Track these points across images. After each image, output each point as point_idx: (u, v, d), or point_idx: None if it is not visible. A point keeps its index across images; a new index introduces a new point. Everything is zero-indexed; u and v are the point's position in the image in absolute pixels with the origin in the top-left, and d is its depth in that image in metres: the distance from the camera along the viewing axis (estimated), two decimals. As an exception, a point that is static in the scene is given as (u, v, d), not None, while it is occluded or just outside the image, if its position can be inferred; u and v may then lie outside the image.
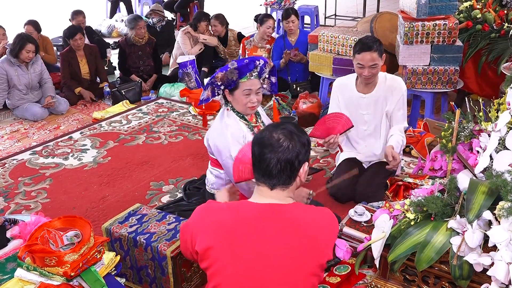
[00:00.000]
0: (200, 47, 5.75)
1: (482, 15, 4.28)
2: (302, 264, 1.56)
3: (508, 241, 1.57)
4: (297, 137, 1.62)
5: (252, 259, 1.55)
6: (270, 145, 1.59)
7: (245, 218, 1.58)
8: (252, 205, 1.63)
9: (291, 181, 1.63)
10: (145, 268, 2.36)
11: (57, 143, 4.29)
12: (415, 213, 1.90)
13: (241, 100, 2.56)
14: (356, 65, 2.99)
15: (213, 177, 2.79)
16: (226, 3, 10.51)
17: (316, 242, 1.58)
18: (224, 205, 1.65)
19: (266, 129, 1.66)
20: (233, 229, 1.56)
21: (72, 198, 3.41)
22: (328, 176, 3.51)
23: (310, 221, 1.60)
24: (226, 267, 1.56)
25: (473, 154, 2.00)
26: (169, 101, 5.24)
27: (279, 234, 1.56)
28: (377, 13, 5.16)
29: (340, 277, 2.41)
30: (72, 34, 5.21)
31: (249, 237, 1.56)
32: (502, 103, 2.10)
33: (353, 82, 3.14)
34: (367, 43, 2.93)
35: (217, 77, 2.52)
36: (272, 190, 1.62)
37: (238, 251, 1.55)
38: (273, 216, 1.58)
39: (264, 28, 5.21)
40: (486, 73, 4.27)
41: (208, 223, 1.60)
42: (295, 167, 1.61)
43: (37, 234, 1.92)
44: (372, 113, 3.12)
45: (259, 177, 1.64)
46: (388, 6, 8.90)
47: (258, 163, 1.62)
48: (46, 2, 11.70)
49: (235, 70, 2.49)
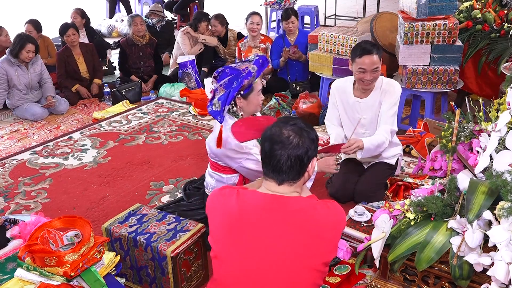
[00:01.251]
0: (200, 47, 5.75)
1: (482, 15, 4.28)
2: (304, 257, 1.58)
3: (508, 241, 1.57)
4: (306, 133, 1.63)
5: (255, 250, 1.58)
6: (281, 141, 1.60)
7: (251, 206, 1.61)
8: (257, 194, 1.65)
9: (300, 176, 1.65)
10: (145, 268, 2.36)
11: (57, 143, 4.29)
12: (415, 213, 1.90)
13: (256, 100, 2.59)
14: (357, 70, 2.91)
15: (214, 181, 2.78)
16: (226, 3, 10.51)
17: (320, 236, 1.59)
18: (235, 192, 1.67)
19: (276, 125, 1.67)
20: (240, 216, 1.60)
21: (72, 198, 3.41)
22: (328, 176, 3.50)
23: (315, 215, 1.61)
24: (229, 258, 1.60)
25: (473, 154, 2.00)
26: (169, 101, 5.24)
27: (283, 226, 1.58)
28: (377, 13, 5.15)
29: (340, 277, 2.41)
30: (64, 30, 5.22)
31: (253, 227, 1.59)
32: (502, 103, 2.10)
33: (351, 86, 3.09)
34: (366, 48, 2.88)
35: (244, 86, 2.49)
36: (280, 185, 1.65)
37: (242, 241, 1.59)
38: (278, 208, 1.61)
39: (248, 24, 5.21)
40: (486, 73, 4.26)
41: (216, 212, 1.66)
42: (305, 163, 1.63)
43: (37, 234, 1.92)
44: (369, 117, 3.08)
45: (268, 173, 1.65)
46: (388, 6, 8.90)
47: (269, 159, 1.63)
48: (47, 2, 11.70)
49: (255, 73, 2.49)
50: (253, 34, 5.26)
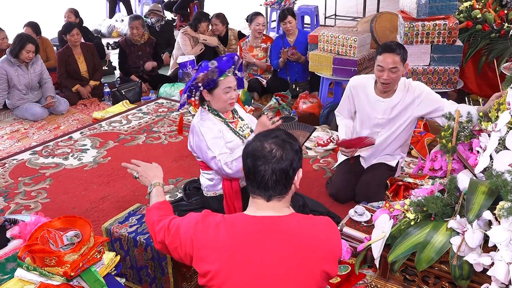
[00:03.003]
0: (201, 48, 5.76)
1: (482, 15, 4.28)
2: (304, 277, 1.52)
3: (508, 241, 1.57)
4: (289, 145, 1.56)
5: (252, 276, 1.50)
6: (263, 156, 1.53)
7: (243, 234, 1.53)
8: (248, 219, 1.57)
9: (287, 190, 1.58)
10: (145, 268, 2.36)
11: (57, 143, 4.29)
12: (415, 213, 1.90)
13: (222, 97, 2.57)
14: (376, 67, 2.89)
15: (207, 180, 2.79)
16: (226, 3, 10.51)
17: (316, 253, 1.53)
18: (219, 220, 1.58)
19: (257, 139, 1.58)
20: (233, 248, 1.51)
21: (72, 198, 3.41)
22: (328, 176, 3.51)
23: (309, 232, 1.55)
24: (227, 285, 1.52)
25: (473, 154, 2.00)
26: (169, 101, 5.24)
27: (278, 248, 1.51)
28: (377, 13, 5.16)
29: (340, 277, 2.41)
30: (69, 29, 5.23)
31: (249, 254, 1.51)
32: (502, 103, 2.10)
33: (372, 84, 3.05)
34: (390, 46, 2.85)
35: (199, 79, 2.51)
36: (269, 202, 1.56)
37: (239, 269, 1.51)
38: (271, 229, 1.53)
39: (254, 26, 5.21)
40: (486, 73, 4.27)
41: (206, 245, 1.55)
42: (290, 176, 1.55)
43: (37, 234, 1.92)
44: (387, 118, 3.03)
45: (254, 190, 1.57)
46: (388, 6, 8.90)
47: (253, 176, 1.55)
48: (46, 3, 11.69)
49: (216, 69, 2.49)
50: (258, 36, 5.28)
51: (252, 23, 5.23)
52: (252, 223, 1.55)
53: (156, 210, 1.87)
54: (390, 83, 2.90)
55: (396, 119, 3.03)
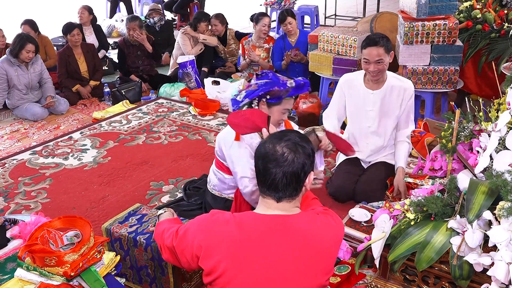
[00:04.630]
0: (201, 47, 5.76)
1: (482, 15, 4.28)
2: (311, 276, 1.54)
3: (508, 241, 1.57)
4: (302, 149, 1.56)
5: (260, 274, 1.51)
6: (275, 159, 1.53)
7: (252, 232, 1.54)
8: (257, 217, 1.58)
9: (298, 192, 1.58)
10: (145, 268, 2.36)
11: (57, 143, 4.29)
12: (415, 213, 1.90)
13: (278, 115, 2.57)
14: (363, 61, 3.01)
15: (216, 179, 2.78)
16: (225, 3, 10.51)
17: (323, 252, 1.55)
18: (228, 217, 1.59)
19: (269, 142, 1.58)
20: (240, 245, 1.52)
21: (72, 198, 3.41)
22: (328, 176, 3.50)
23: (317, 231, 1.57)
24: (233, 283, 1.52)
25: (473, 154, 2.00)
26: (169, 101, 5.24)
27: (287, 247, 1.52)
28: (377, 13, 5.15)
29: (340, 277, 2.41)
30: (70, 29, 5.22)
31: (256, 251, 1.52)
32: (502, 103, 2.10)
33: (361, 78, 3.15)
34: (373, 39, 2.96)
35: (273, 92, 2.47)
36: (279, 202, 1.57)
37: (246, 267, 1.51)
38: (280, 229, 1.54)
39: (260, 26, 5.22)
40: (486, 73, 4.26)
41: (214, 240, 1.55)
42: (301, 179, 1.56)
43: (37, 234, 1.92)
44: (378, 110, 3.11)
45: (264, 190, 1.58)
46: (388, 6, 8.90)
47: (263, 177, 1.56)
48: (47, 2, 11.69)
49: (290, 89, 2.49)
50: (263, 36, 5.29)
51: (258, 23, 5.24)
52: (261, 221, 1.56)
53: (167, 222, 1.90)
54: (379, 72, 3.02)
55: (386, 109, 3.10)
